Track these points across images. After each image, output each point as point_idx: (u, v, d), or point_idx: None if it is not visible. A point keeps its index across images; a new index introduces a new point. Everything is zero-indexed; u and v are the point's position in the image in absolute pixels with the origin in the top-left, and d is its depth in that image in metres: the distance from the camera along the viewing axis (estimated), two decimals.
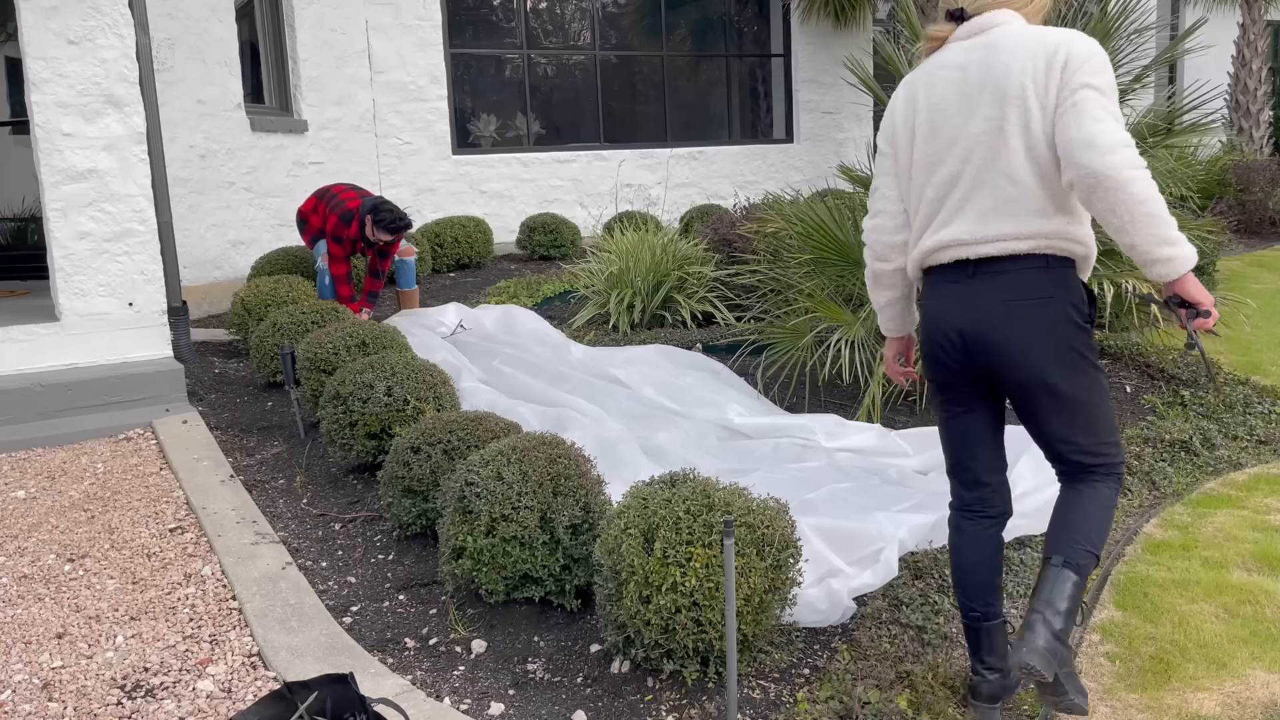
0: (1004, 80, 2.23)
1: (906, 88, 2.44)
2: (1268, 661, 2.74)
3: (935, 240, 2.36)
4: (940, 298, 2.38)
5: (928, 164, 2.37)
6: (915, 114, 2.40)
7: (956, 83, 2.32)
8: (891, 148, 2.47)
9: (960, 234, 2.31)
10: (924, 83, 2.39)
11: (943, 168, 2.34)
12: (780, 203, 6.61)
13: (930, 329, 2.41)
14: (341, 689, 2.29)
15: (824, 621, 2.96)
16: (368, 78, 9.84)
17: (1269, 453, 4.42)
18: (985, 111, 2.26)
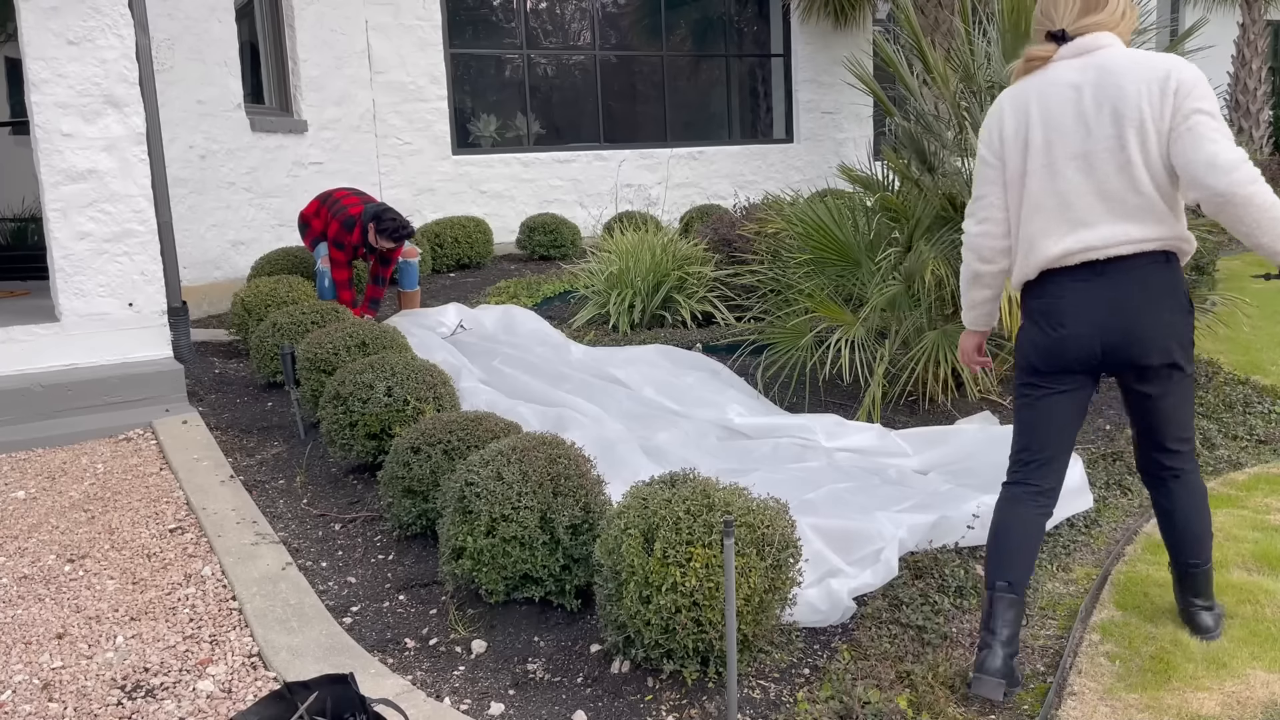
0: (1120, 103, 2.46)
1: (1013, 102, 2.62)
2: (1268, 661, 2.74)
3: (1064, 247, 2.55)
4: (1071, 295, 2.56)
5: (1046, 174, 2.56)
6: (1028, 128, 2.58)
7: (1072, 101, 2.53)
8: (999, 159, 2.65)
9: (1091, 240, 2.52)
10: (1036, 99, 2.57)
11: (1063, 179, 2.54)
12: (780, 203, 6.61)
13: (1055, 323, 2.58)
14: (341, 689, 2.29)
15: (824, 621, 2.96)
16: (368, 78, 9.84)
17: (1269, 452, 4.42)
18: (1104, 130, 2.49)
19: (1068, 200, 2.54)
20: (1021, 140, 2.59)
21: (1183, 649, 2.80)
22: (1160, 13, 14.87)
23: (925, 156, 4.89)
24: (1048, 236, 2.57)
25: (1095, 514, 3.75)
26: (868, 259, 4.99)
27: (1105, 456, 4.26)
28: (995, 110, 2.66)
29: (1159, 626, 2.92)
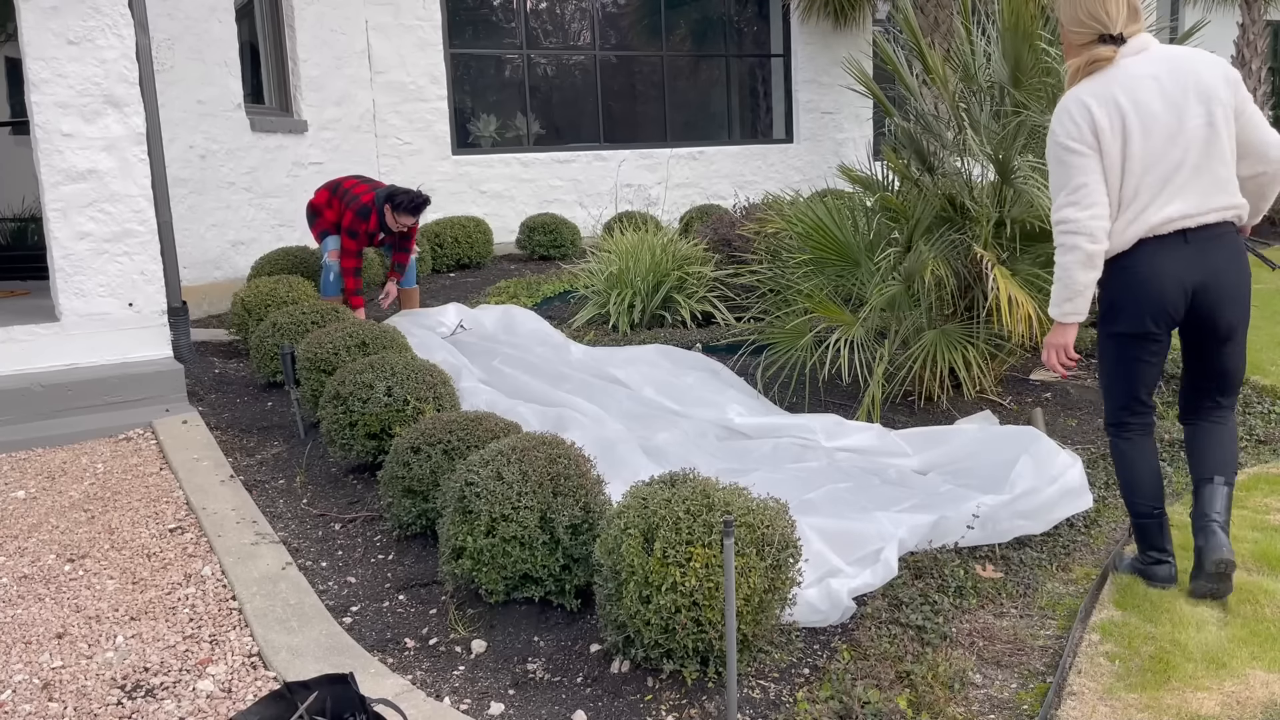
0: (1203, 87, 2.88)
1: (1097, 97, 2.92)
2: (1267, 661, 2.74)
3: (1163, 215, 2.90)
4: (1165, 261, 2.93)
5: (1145, 156, 2.90)
6: (1122, 116, 2.90)
7: (1155, 89, 2.89)
8: (1093, 149, 2.92)
9: (1187, 209, 2.90)
10: (1121, 90, 2.90)
11: (1165, 158, 2.89)
12: (780, 203, 6.62)
13: (1151, 286, 2.94)
14: (341, 689, 2.29)
15: (824, 621, 2.97)
16: (368, 78, 9.84)
17: (1268, 452, 4.42)
18: (1193, 110, 2.88)
19: (1167, 175, 2.89)
20: (1118, 128, 2.89)
21: (1182, 649, 2.80)
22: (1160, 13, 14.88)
23: (925, 156, 4.89)
24: (1149, 208, 2.91)
25: (1095, 514, 3.75)
26: (867, 259, 4.99)
27: (1105, 456, 4.26)
28: (1078, 107, 2.93)
29: (1159, 626, 2.92)
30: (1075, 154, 2.93)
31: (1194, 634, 2.88)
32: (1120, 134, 2.90)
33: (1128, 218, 2.94)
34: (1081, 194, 2.93)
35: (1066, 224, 2.96)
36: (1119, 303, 3.01)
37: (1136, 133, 2.89)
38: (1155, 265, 2.93)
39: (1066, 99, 2.97)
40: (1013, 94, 4.71)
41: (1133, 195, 2.92)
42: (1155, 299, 2.94)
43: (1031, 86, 4.65)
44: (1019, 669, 2.78)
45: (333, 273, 6.50)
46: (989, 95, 4.89)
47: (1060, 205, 2.97)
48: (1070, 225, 2.95)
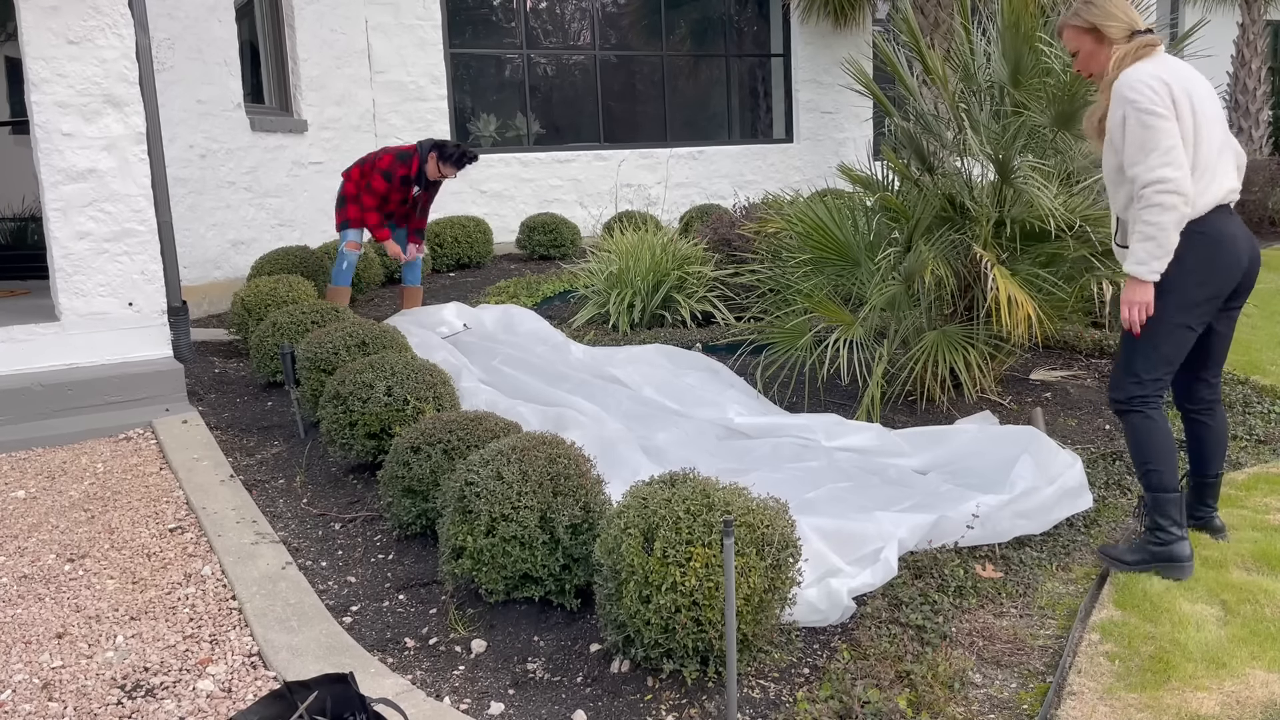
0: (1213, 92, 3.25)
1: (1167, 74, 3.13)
2: (1267, 661, 2.74)
3: (1228, 185, 3.19)
4: (1233, 227, 3.20)
5: (1207, 131, 3.16)
6: (1189, 94, 3.13)
7: (1199, 83, 3.19)
8: (1173, 116, 3.09)
9: (1235, 184, 3.22)
10: (1178, 74, 3.15)
11: (1216, 136, 3.18)
12: (780, 202, 6.62)
13: (1227, 250, 3.16)
14: (341, 689, 2.29)
15: (823, 621, 2.97)
16: (368, 77, 9.84)
17: (1268, 452, 4.42)
18: (1219, 107, 3.23)
19: (1220, 151, 3.18)
20: (1186, 103, 3.12)
21: (1182, 649, 2.80)
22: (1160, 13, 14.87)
23: (925, 156, 4.89)
24: (1214, 178, 3.16)
25: (1095, 514, 3.75)
26: (867, 259, 4.99)
27: (1105, 456, 4.26)
28: (1154, 81, 3.11)
29: (1159, 626, 2.92)
30: (1162, 118, 3.07)
31: (1194, 634, 2.88)
32: (1190, 108, 3.12)
33: (1202, 185, 3.14)
34: (1174, 154, 3.06)
35: (1165, 183, 3.05)
36: (1199, 266, 3.14)
37: (1200, 109, 3.14)
38: (1231, 230, 3.18)
39: (1137, 71, 3.13)
40: (1013, 94, 4.71)
41: (1205, 165, 3.14)
42: (1235, 262, 3.17)
43: (1031, 86, 4.65)
44: (1019, 669, 2.78)
45: (346, 261, 6.60)
46: (989, 95, 4.88)
47: (1155, 166, 3.06)
48: (1169, 185, 3.05)
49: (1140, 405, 3.22)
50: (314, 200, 8.84)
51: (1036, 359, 5.60)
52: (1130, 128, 3.10)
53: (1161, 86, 3.09)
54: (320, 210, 8.92)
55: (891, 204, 4.92)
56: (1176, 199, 3.06)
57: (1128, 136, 3.11)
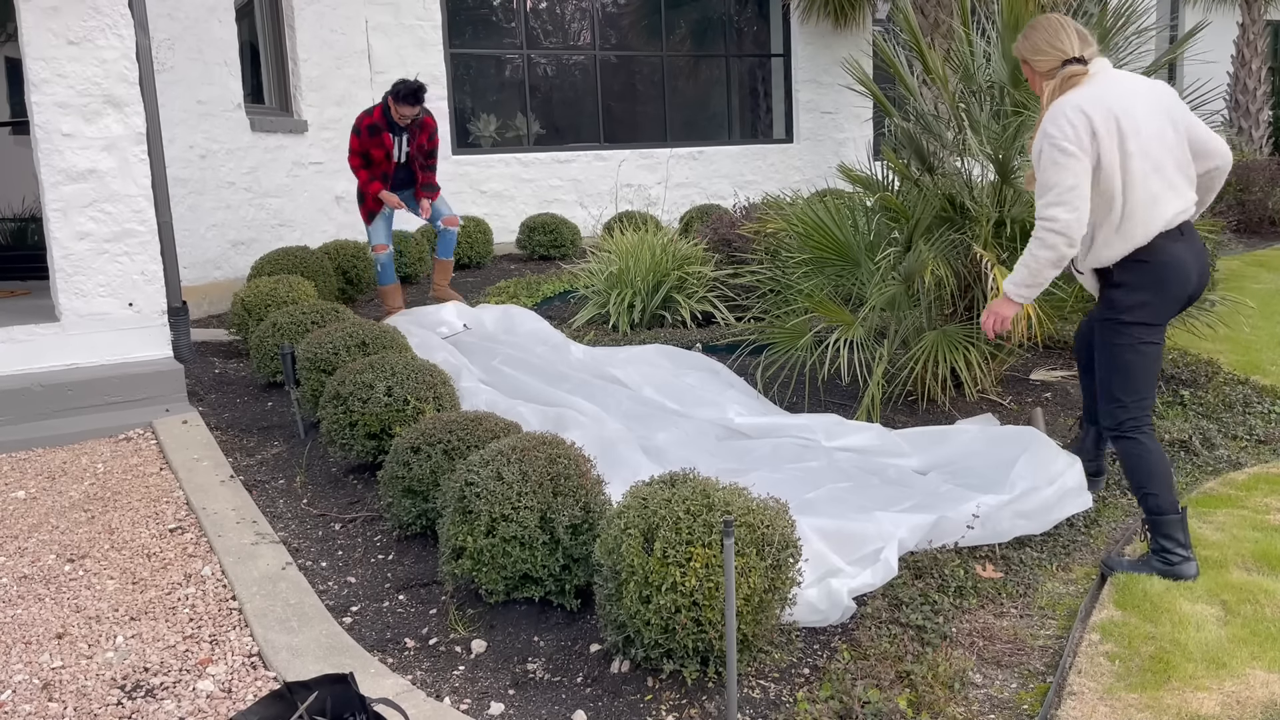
0: (1165, 101, 3.21)
1: (1091, 104, 3.12)
2: (1267, 661, 2.74)
3: (1172, 210, 3.16)
4: (1179, 251, 3.19)
5: (1144, 157, 3.13)
6: (1117, 122, 3.11)
7: (1139, 100, 3.16)
8: (1087, 155, 3.10)
9: (1181, 206, 3.18)
10: (1111, 100, 3.13)
11: (1158, 159, 3.15)
12: (780, 203, 6.61)
13: (1174, 276, 3.19)
14: (341, 689, 2.29)
15: (824, 621, 2.97)
16: (368, 78, 9.83)
17: (1268, 452, 4.42)
18: (1162, 121, 3.17)
19: (1165, 174, 3.15)
20: (1114, 130, 3.11)
21: (1182, 649, 2.80)
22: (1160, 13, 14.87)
23: (925, 157, 4.89)
24: (1157, 206, 3.14)
25: (1095, 514, 3.75)
26: (867, 259, 4.99)
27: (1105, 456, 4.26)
28: (1074, 112, 3.11)
29: (1159, 626, 2.92)
30: (1071, 156, 3.10)
31: (1194, 634, 2.88)
32: (1116, 136, 3.11)
33: (1142, 218, 3.15)
34: (1071, 195, 3.11)
35: (1053, 223, 3.13)
36: (1149, 295, 3.20)
37: (1131, 135, 3.12)
38: (1178, 255, 3.19)
39: (1062, 105, 3.14)
40: (1013, 94, 4.71)
41: (1142, 199, 3.13)
42: (1183, 286, 3.22)
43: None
44: (1019, 669, 2.78)
45: (379, 265, 6.80)
46: (989, 95, 4.88)
47: (1049, 203, 3.13)
48: (1057, 225, 3.12)
49: (1132, 430, 3.24)
50: (314, 200, 8.84)
51: (1036, 359, 5.60)
52: (1044, 162, 3.16)
53: (1081, 121, 3.11)
54: (320, 210, 8.92)
55: (891, 204, 4.92)
56: (1058, 240, 3.13)
57: (1042, 168, 3.18)
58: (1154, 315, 3.22)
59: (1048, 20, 3.30)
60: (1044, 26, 3.29)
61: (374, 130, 6.59)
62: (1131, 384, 3.22)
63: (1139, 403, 3.23)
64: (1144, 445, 3.23)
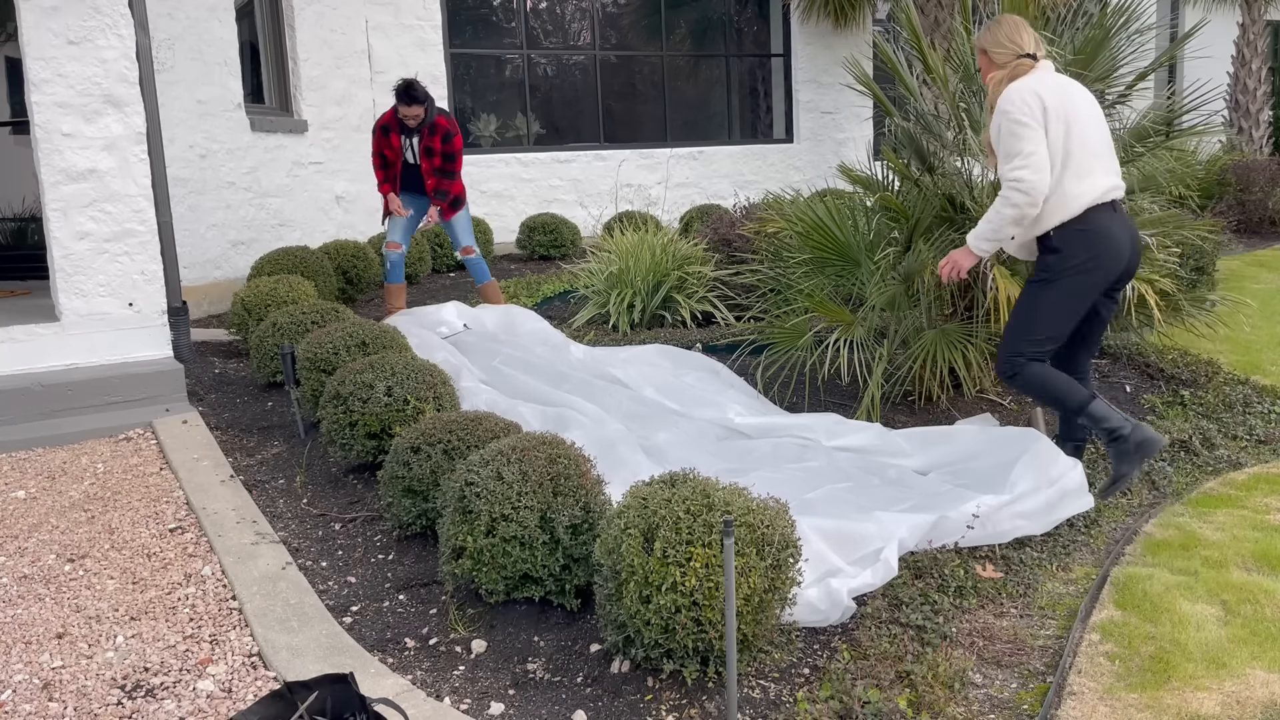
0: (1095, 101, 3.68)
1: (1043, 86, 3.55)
2: (1267, 661, 2.74)
3: (1105, 185, 3.57)
4: (1113, 224, 3.60)
5: (1083, 138, 3.55)
6: (1065, 104, 3.54)
7: (1079, 91, 3.64)
8: (1041, 126, 3.50)
9: (1114, 182, 3.61)
10: (1056, 87, 3.57)
11: (1094, 141, 3.58)
12: (780, 202, 6.61)
13: (1106, 246, 3.57)
14: (341, 689, 2.29)
15: (824, 621, 2.97)
16: (368, 78, 9.83)
17: (1269, 452, 4.42)
18: (1094, 110, 3.64)
19: (1099, 154, 3.58)
20: (1061, 114, 3.52)
21: (1182, 649, 2.80)
22: (1160, 13, 14.87)
23: (925, 156, 4.89)
24: (1090, 179, 3.54)
25: (1095, 514, 3.75)
26: (867, 259, 4.99)
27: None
28: (1028, 93, 3.53)
29: (1159, 626, 2.92)
30: (1028, 127, 3.50)
31: (1194, 634, 2.88)
32: (1063, 119, 3.53)
33: (1076, 190, 3.54)
34: (1034, 159, 3.49)
35: (1020, 183, 3.50)
36: (1087, 262, 3.57)
37: (1074, 119, 3.55)
38: (1111, 227, 3.58)
39: (1016, 87, 3.56)
40: None
41: (1077, 170, 3.53)
42: (1116, 255, 3.59)
43: None
44: (1019, 669, 2.78)
45: (388, 262, 6.80)
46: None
47: (1016, 167, 3.50)
48: (1023, 185, 3.49)
49: (1022, 364, 3.65)
50: (314, 200, 8.84)
51: None
52: (1003, 135, 3.53)
53: (1034, 99, 3.51)
54: (320, 210, 8.92)
55: (891, 204, 4.92)
56: (1024, 199, 3.50)
57: (1001, 142, 3.54)
58: (1082, 280, 3.57)
59: (1011, 19, 3.72)
60: (1007, 24, 3.70)
61: (385, 130, 6.62)
62: (1037, 342, 3.64)
63: (1029, 346, 3.65)
64: (1035, 369, 3.65)
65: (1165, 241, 4.75)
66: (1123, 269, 3.62)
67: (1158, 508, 3.85)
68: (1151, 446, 3.60)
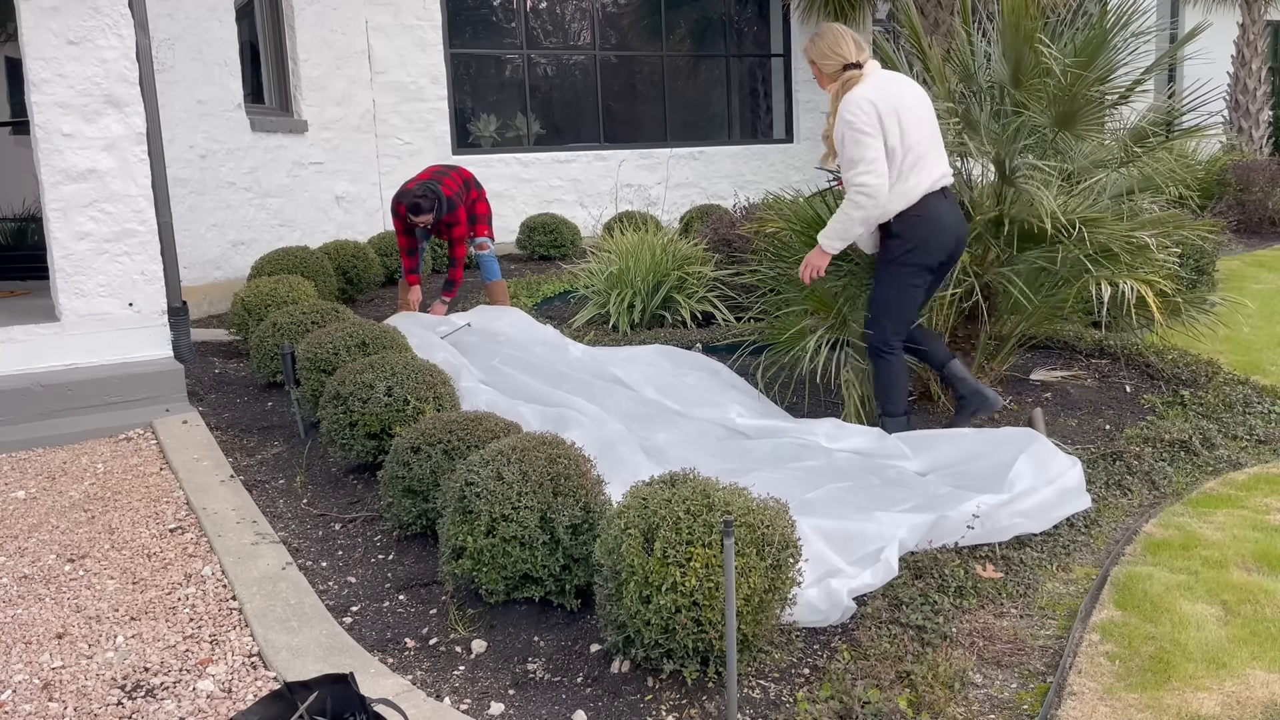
0: (923, 94, 4.11)
1: (875, 95, 3.96)
2: (1267, 661, 2.74)
3: (936, 175, 4.03)
4: (942, 210, 4.05)
5: (916, 135, 3.98)
6: (896, 109, 3.95)
7: (907, 93, 4.02)
8: (878, 132, 3.93)
9: (943, 171, 4.08)
10: (887, 93, 3.97)
11: (925, 136, 4.02)
12: (780, 202, 6.61)
13: (938, 229, 4.03)
14: (341, 689, 2.29)
15: (824, 621, 2.96)
16: (368, 78, 9.84)
17: (1269, 452, 4.42)
18: (927, 109, 4.08)
19: (929, 148, 4.01)
20: (894, 117, 3.94)
21: (1182, 649, 2.80)
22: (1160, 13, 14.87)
23: None
24: (924, 170, 3.98)
25: (1095, 514, 3.75)
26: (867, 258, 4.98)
27: (1105, 456, 4.26)
28: (865, 103, 3.94)
29: (1159, 626, 2.93)
30: (868, 135, 3.91)
31: (1194, 634, 2.88)
32: (896, 121, 3.93)
33: (914, 181, 3.96)
34: (876, 166, 3.92)
35: (865, 188, 3.92)
36: (924, 242, 4.01)
37: (907, 119, 3.95)
38: (942, 213, 4.03)
39: (853, 97, 3.96)
40: (1013, 94, 4.71)
41: (914, 163, 3.95)
42: (947, 237, 4.05)
43: (1032, 86, 4.65)
44: (1019, 669, 2.78)
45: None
46: (989, 95, 4.88)
47: (860, 173, 3.92)
48: (867, 189, 3.92)
49: (885, 350, 4.12)
50: (314, 200, 8.84)
51: (1036, 359, 5.60)
52: (846, 143, 3.95)
53: (870, 108, 3.92)
54: (320, 210, 8.92)
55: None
56: (870, 202, 3.93)
57: (845, 149, 3.96)
58: (921, 260, 4.03)
59: (831, 29, 4.10)
60: (829, 35, 4.08)
61: (396, 215, 6.58)
62: (895, 313, 4.08)
63: (892, 331, 4.10)
64: (891, 364, 4.14)
65: (1165, 242, 4.75)
66: (952, 248, 4.06)
67: (1158, 508, 3.85)
68: (894, 426, 4.22)
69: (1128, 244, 4.56)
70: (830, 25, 4.14)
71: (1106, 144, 4.89)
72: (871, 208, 3.93)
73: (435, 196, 6.39)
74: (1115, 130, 4.98)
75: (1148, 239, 4.57)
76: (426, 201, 6.35)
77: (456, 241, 6.68)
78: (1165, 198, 5.09)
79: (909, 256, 4.01)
